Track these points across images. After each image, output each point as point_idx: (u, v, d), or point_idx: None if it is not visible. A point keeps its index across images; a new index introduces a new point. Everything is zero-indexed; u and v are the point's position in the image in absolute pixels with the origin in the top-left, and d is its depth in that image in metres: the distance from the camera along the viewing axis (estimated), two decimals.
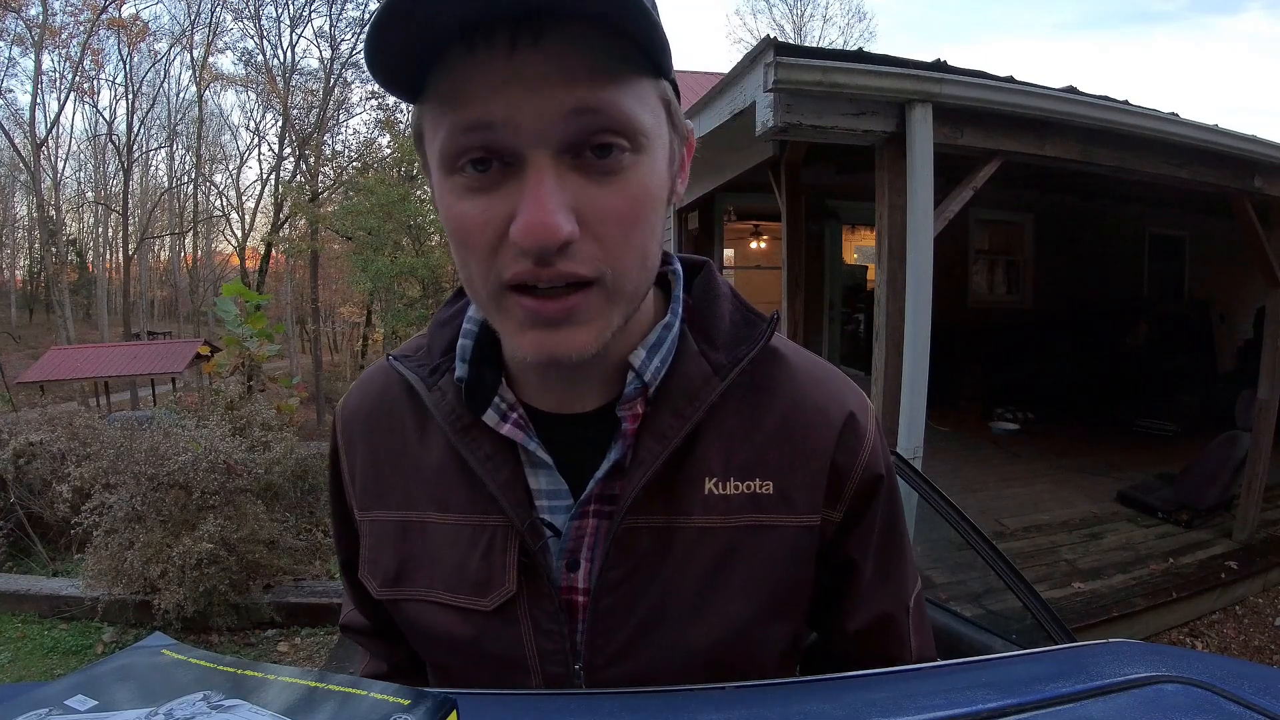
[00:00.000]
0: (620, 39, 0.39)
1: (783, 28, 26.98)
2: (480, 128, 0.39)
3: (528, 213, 0.39)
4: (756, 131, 2.82)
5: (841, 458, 0.53)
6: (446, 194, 0.43)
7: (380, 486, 0.57)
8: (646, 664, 0.50)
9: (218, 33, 21.09)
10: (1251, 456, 3.98)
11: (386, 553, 0.56)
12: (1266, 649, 3.42)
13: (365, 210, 10.41)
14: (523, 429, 0.51)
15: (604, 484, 0.50)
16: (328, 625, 3.57)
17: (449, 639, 0.54)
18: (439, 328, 0.57)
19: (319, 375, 18.17)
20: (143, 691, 0.34)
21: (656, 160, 0.44)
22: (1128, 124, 3.07)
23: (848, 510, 0.54)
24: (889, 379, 2.86)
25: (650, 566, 0.50)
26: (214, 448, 3.53)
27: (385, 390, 0.59)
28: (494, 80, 0.38)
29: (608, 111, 0.40)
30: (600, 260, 0.42)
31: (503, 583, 0.51)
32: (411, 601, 0.55)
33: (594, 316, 0.43)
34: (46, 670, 3.18)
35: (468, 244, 0.42)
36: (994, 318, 6.97)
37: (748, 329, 0.54)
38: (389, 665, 0.69)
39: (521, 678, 0.52)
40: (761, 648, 0.53)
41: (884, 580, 0.57)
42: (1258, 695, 0.37)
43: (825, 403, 0.54)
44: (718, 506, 0.51)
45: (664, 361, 0.51)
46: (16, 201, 30.68)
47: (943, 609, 1.42)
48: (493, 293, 0.43)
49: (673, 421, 0.50)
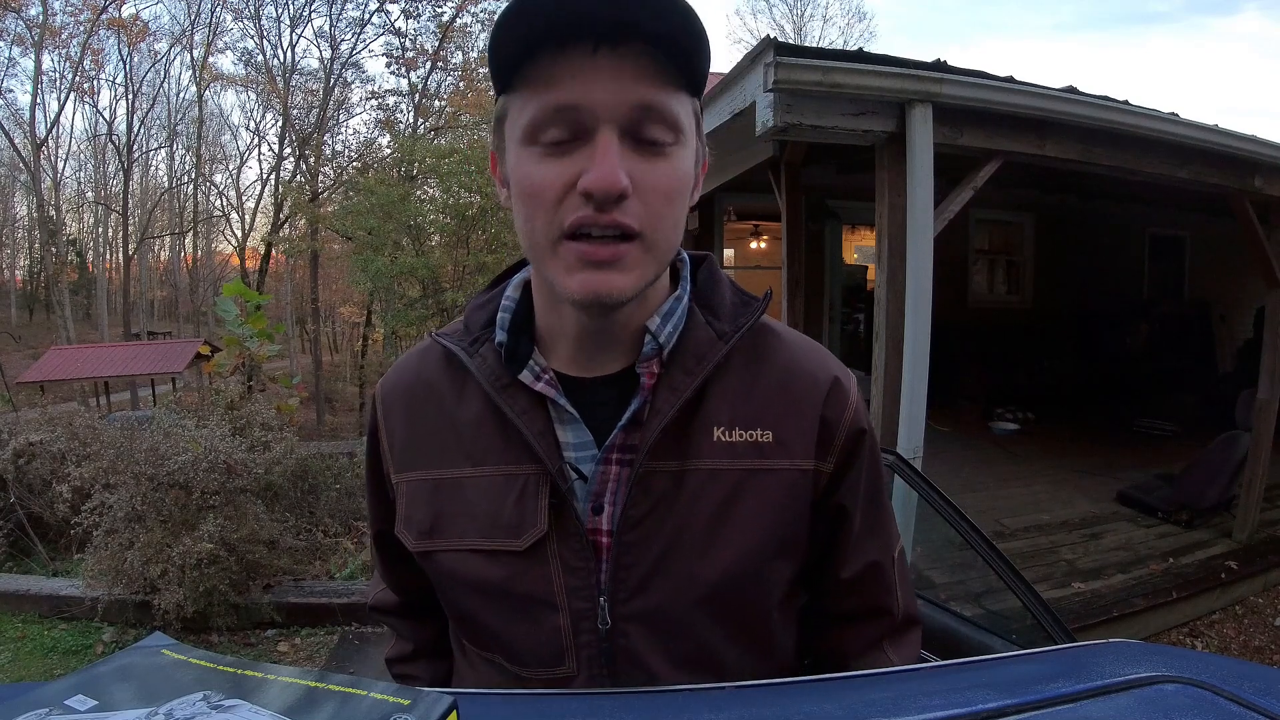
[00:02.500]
0: (674, 58, 0.50)
1: (783, 28, 26.97)
2: (565, 109, 0.50)
3: (598, 168, 0.49)
4: (756, 131, 2.82)
5: (830, 413, 0.61)
6: (524, 161, 0.52)
7: (416, 450, 0.64)
8: (662, 596, 0.57)
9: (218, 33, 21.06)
10: (1251, 456, 3.98)
11: (421, 509, 0.62)
12: (1266, 649, 3.42)
13: (365, 210, 10.39)
14: (554, 387, 0.59)
15: (625, 434, 0.58)
16: (328, 625, 3.57)
17: (481, 583, 0.59)
18: (476, 309, 0.66)
19: (319, 375, 18.17)
20: (143, 691, 0.35)
21: (688, 155, 0.55)
22: (1128, 124, 3.07)
23: (838, 461, 0.62)
24: (889, 379, 2.85)
25: (666, 505, 0.57)
26: (214, 448, 3.52)
27: (422, 366, 0.67)
28: (578, 72, 0.49)
29: (660, 109, 0.51)
30: (644, 219, 0.51)
31: (535, 524, 0.57)
32: (445, 552, 0.61)
33: (634, 265, 0.52)
34: (46, 670, 3.17)
35: (539, 197, 0.51)
36: (994, 318, 6.98)
37: (744, 307, 0.63)
38: (415, 644, 0.77)
39: (549, 614, 0.58)
40: (765, 585, 0.60)
41: (871, 532, 0.65)
42: (1258, 695, 0.37)
43: (814, 367, 0.63)
44: (725, 451, 0.58)
45: (675, 328, 0.60)
46: (16, 201, 30.69)
47: (943, 609, 1.42)
48: (552, 240, 0.52)
49: (683, 378, 0.58)
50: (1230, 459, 4.10)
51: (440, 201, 10.36)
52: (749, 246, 8.90)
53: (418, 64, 18.71)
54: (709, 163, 0.61)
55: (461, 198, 9.84)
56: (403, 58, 18.64)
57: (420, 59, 18.62)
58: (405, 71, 19.00)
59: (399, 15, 18.41)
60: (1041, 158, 3.05)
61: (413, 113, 18.98)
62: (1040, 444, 5.60)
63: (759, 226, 8.39)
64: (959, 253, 6.61)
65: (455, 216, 9.81)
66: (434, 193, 11.02)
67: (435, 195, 10.87)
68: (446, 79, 19.00)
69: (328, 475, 4.67)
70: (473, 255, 9.45)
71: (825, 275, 6.31)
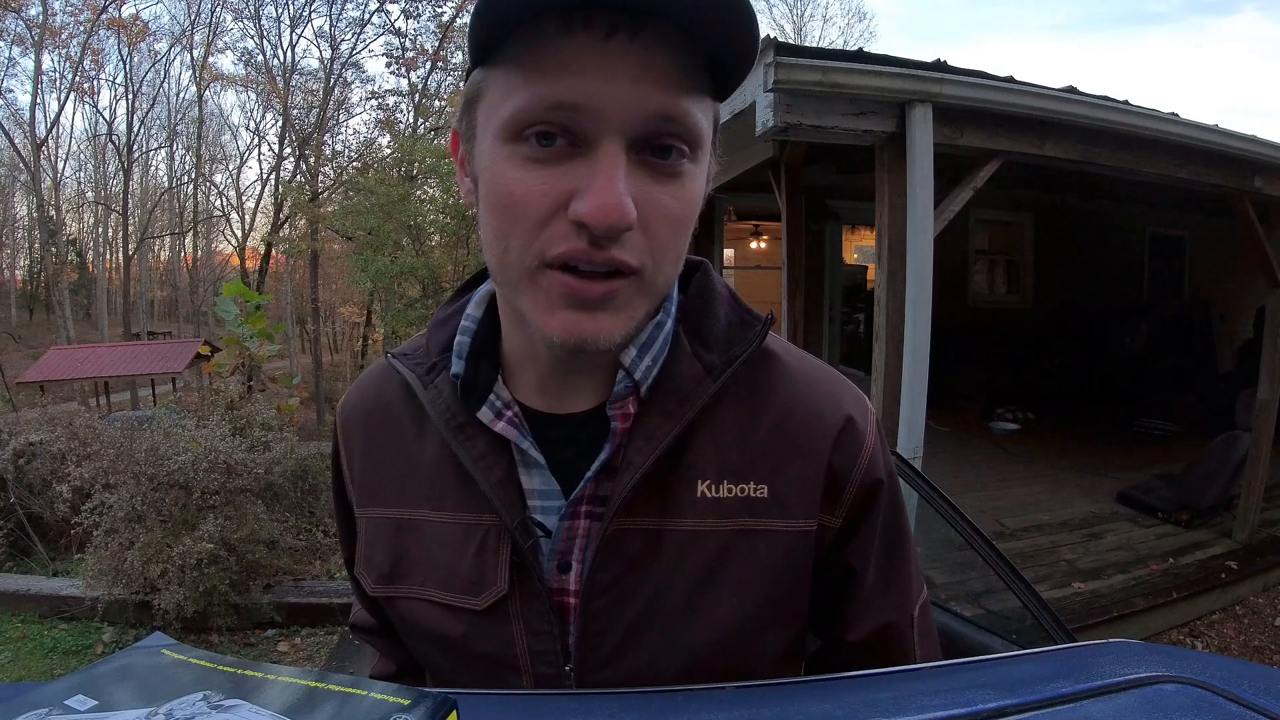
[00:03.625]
0: (707, 53, 0.41)
1: (783, 28, 26.94)
2: (565, 107, 0.40)
3: (601, 194, 0.39)
4: (756, 131, 2.82)
5: (839, 461, 0.52)
6: (500, 161, 0.42)
7: (377, 484, 0.58)
8: (636, 667, 0.50)
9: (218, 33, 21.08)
10: (1251, 456, 3.97)
11: (380, 550, 0.56)
12: (1266, 649, 3.42)
13: (365, 210, 10.40)
14: (516, 427, 0.51)
15: (595, 485, 0.50)
16: (328, 625, 3.57)
17: (440, 637, 0.54)
18: (437, 326, 0.58)
19: (319, 375, 18.15)
20: (143, 691, 0.34)
21: (702, 174, 0.46)
22: (1128, 124, 3.07)
23: (847, 516, 0.53)
24: (889, 379, 2.85)
25: (641, 569, 0.50)
26: (214, 448, 3.52)
27: (383, 389, 0.59)
28: (587, 63, 0.39)
29: (684, 121, 0.41)
30: (645, 253, 0.43)
31: (495, 582, 0.51)
32: (404, 599, 0.55)
33: (626, 305, 0.44)
34: (46, 670, 3.17)
35: (516, 213, 0.42)
36: (994, 318, 6.97)
37: (743, 330, 0.53)
38: (397, 665, 0.69)
39: (512, 678, 0.52)
40: (755, 654, 0.52)
41: (886, 589, 0.55)
42: (1258, 695, 0.37)
43: (821, 405, 0.53)
44: (710, 510, 0.50)
45: (655, 360, 0.51)
46: (16, 201, 30.68)
47: (943, 609, 1.41)
48: (530, 268, 0.43)
49: (662, 422, 0.49)
50: (1230, 459, 4.10)
51: (440, 201, 10.37)
52: (749, 246, 8.91)
53: (418, 64, 18.73)
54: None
55: (461, 198, 9.86)
56: (403, 58, 18.65)
57: (420, 59, 18.64)
58: (405, 71, 19.03)
59: (399, 15, 18.48)
60: (1041, 158, 3.05)
61: (413, 113, 18.99)
62: (1040, 444, 5.60)
63: (759, 226, 8.39)
64: (959, 253, 6.61)
65: (455, 216, 9.82)
66: (434, 193, 11.02)
67: (435, 195, 10.87)
68: (446, 79, 19.00)
69: (328, 475, 4.65)
70: (473, 255, 9.47)
71: (825, 275, 6.31)
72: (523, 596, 0.51)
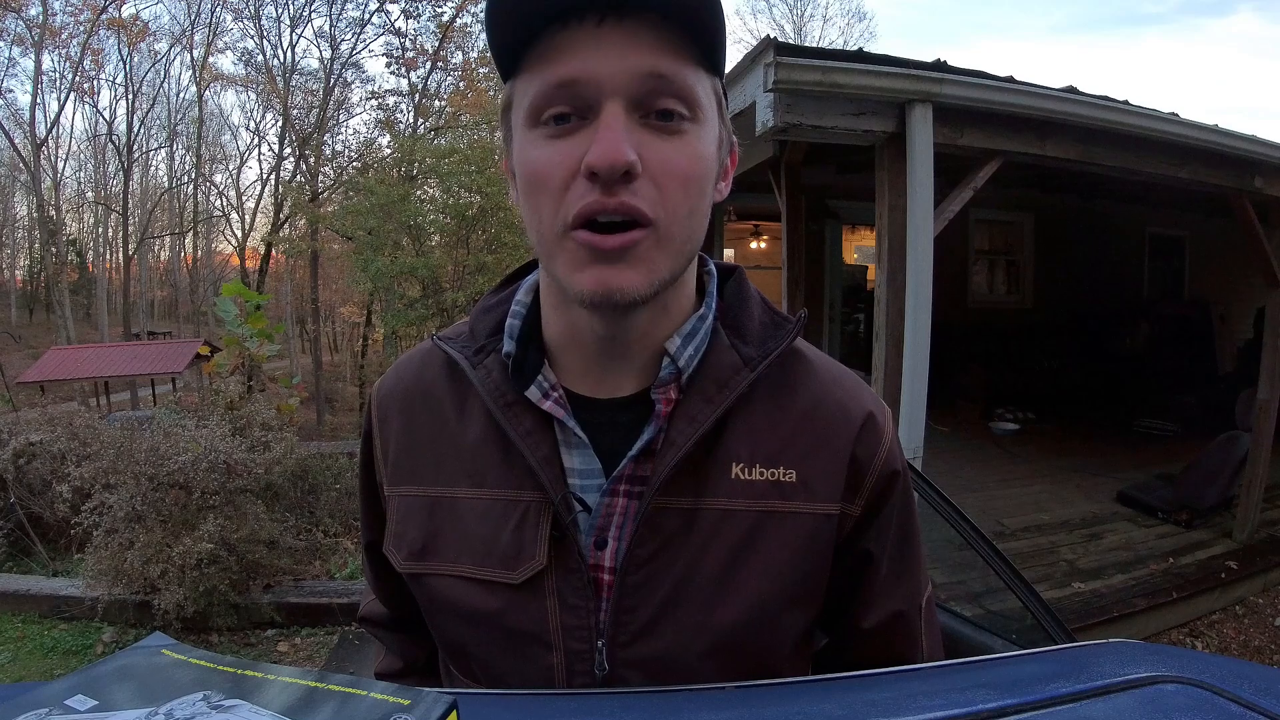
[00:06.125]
0: (687, 31, 0.46)
1: (783, 28, 26.94)
2: (567, 84, 0.46)
3: (600, 142, 0.45)
4: (756, 131, 2.82)
5: (861, 452, 0.56)
6: (527, 146, 0.49)
7: (413, 463, 0.60)
8: (666, 643, 0.52)
9: (218, 33, 21.04)
10: (1251, 456, 3.98)
11: (413, 527, 0.58)
12: (1266, 649, 3.42)
13: (365, 210, 10.37)
14: (562, 407, 0.54)
15: (636, 464, 0.53)
16: (328, 625, 3.57)
17: (471, 613, 0.55)
18: (484, 313, 0.61)
19: (319, 375, 18.14)
20: (143, 691, 0.34)
21: (709, 135, 0.50)
22: (1128, 124, 3.07)
23: (866, 504, 0.56)
24: (889, 379, 2.86)
25: (676, 546, 0.53)
26: (214, 448, 3.52)
27: (423, 371, 0.62)
28: (580, 47, 0.45)
29: (673, 79, 0.46)
30: (656, 204, 0.47)
31: (533, 556, 0.53)
32: (435, 576, 0.57)
33: (646, 258, 0.47)
34: (46, 670, 3.17)
35: (543, 184, 0.47)
36: (994, 318, 6.98)
37: (775, 329, 0.58)
38: (404, 662, 0.71)
39: (542, 653, 0.53)
40: (778, 633, 0.55)
41: (898, 578, 0.59)
42: (1258, 695, 0.37)
43: (846, 401, 0.57)
44: (743, 490, 0.53)
45: (697, 350, 0.55)
46: (16, 201, 30.67)
47: (943, 609, 1.41)
48: (558, 232, 0.48)
49: (703, 407, 0.53)
50: (1230, 459, 4.10)
51: (440, 201, 10.35)
52: (749, 246, 8.90)
53: (418, 64, 18.70)
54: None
55: (461, 198, 9.84)
56: (403, 58, 18.62)
57: (420, 59, 18.60)
58: (405, 71, 18.98)
59: (399, 15, 18.41)
60: (1041, 158, 3.06)
61: (413, 113, 18.97)
62: (1040, 444, 5.60)
63: (759, 226, 8.39)
64: (959, 253, 6.61)
65: (455, 216, 9.80)
66: (434, 193, 11.00)
67: (435, 195, 10.85)
68: (446, 79, 18.98)
69: (328, 475, 4.67)
70: (473, 255, 9.45)
71: (825, 275, 6.32)
72: (559, 571, 0.53)
